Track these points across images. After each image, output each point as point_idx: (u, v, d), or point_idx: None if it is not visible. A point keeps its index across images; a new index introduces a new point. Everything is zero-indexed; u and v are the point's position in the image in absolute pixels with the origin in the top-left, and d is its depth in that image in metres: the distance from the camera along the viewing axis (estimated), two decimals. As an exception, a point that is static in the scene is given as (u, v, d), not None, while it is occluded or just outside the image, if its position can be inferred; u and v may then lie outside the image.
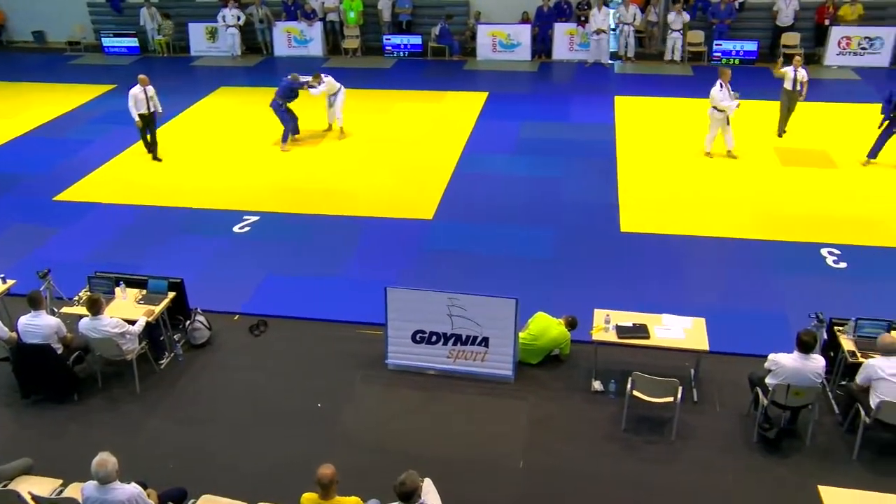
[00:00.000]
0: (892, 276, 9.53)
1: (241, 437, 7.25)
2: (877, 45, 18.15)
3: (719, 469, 6.77)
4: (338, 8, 20.44)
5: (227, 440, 7.22)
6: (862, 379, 6.75)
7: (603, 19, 18.63)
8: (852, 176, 12.44)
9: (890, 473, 6.62)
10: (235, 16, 20.29)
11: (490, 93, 17.02)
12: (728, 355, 7.98)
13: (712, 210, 11.33)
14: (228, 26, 20.36)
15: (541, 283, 9.46)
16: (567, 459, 6.91)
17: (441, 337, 7.87)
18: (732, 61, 18.86)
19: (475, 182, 12.52)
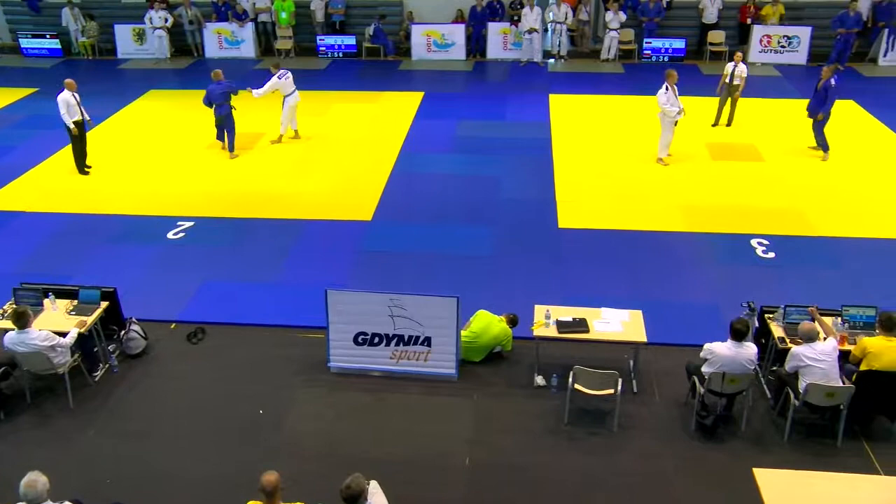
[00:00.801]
0: (816, 265, 9.91)
1: (181, 448, 7.08)
2: (794, 43, 18.87)
3: (660, 457, 6.92)
4: (269, 9, 20.15)
5: (166, 452, 7.04)
6: (790, 367, 6.99)
7: (535, 18, 18.85)
8: (779, 169, 12.88)
9: (818, 453, 6.88)
10: (162, 17, 19.77)
11: (426, 92, 17.04)
12: (665, 346, 8.17)
13: (646, 204, 11.58)
14: (155, 28, 19.85)
15: (481, 280, 9.52)
16: (512, 454, 6.97)
17: (383, 338, 7.84)
18: (661, 59, 19.31)
19: (413, 182, 12.52)
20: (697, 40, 19.80)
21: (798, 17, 19.28)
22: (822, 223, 10.96)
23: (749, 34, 19.22)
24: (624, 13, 19.03)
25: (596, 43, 20.25)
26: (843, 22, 18.28)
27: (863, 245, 10.40)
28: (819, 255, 10.17)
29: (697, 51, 19.66)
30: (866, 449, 6.95)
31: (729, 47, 19.24)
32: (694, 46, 19.73)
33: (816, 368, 6.75)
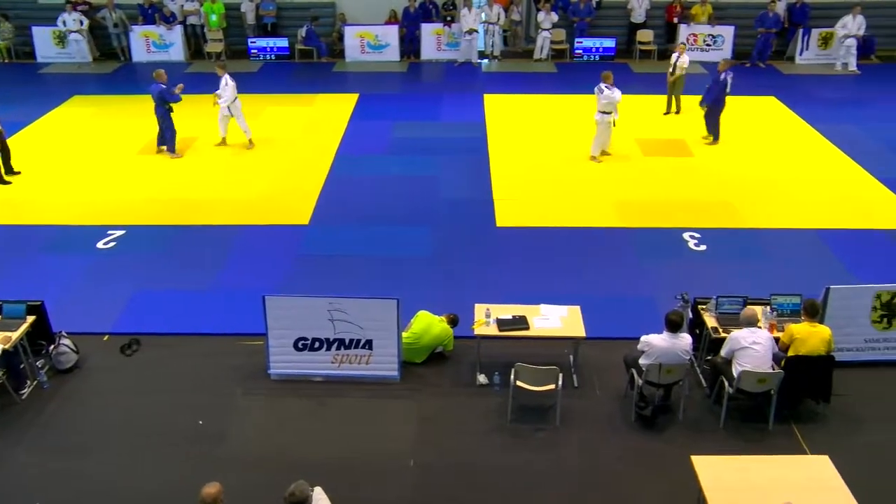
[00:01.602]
0: (746, 256, 10.24)
1: (118, 463, 6.86)
2: (719, 41, 19.46)
3: (602, 449, 7.05)
4: (198, 11, 19.74)
5: (102, 468, 6.82)
6: (726, 351, 7.21)
7: (474, 19, 18.97)
8: (708, 163, 13.26)
9: (751, 437, 7.13)
10: (77, 20, 19.00)
11: (361, 94, 16.96)
12: (604, 339, 8.30)
13: (581, 201, 11.77)
14: (70, 31, 19.11)
15: (421, 281, 9.52)
16: (456, 454, 6.99)
17: (324, 342, 7.76)
18: (593, 58, 19.65)
19: (350, 184, 12.44)
20: (627, 39, 20.23)
21: (723, 17, 19.88)
22: (749, 215, 11.33)
23: (676, 33, 19.73)
24: (555, 13, 19.30)
25: (529, 43, 20.48)
26: (763, 21, 18.99)
27: (788, 235, 10.80)
28: (748, 246, 10.51)
29: (627, 50, 20.08)
30: (795, 431, 7.23)
31: (657, 46, 19.75)
32: (624, 45, 20.14)
33: (752, 350, 6.98)
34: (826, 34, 19.30)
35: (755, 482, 5.77)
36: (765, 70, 19.18)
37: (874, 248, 10.43)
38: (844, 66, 18.88)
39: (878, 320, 7.95)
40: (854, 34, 18.59)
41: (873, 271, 9.38)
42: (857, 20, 18.47)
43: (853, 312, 7.86)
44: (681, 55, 15.10)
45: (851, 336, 7.94)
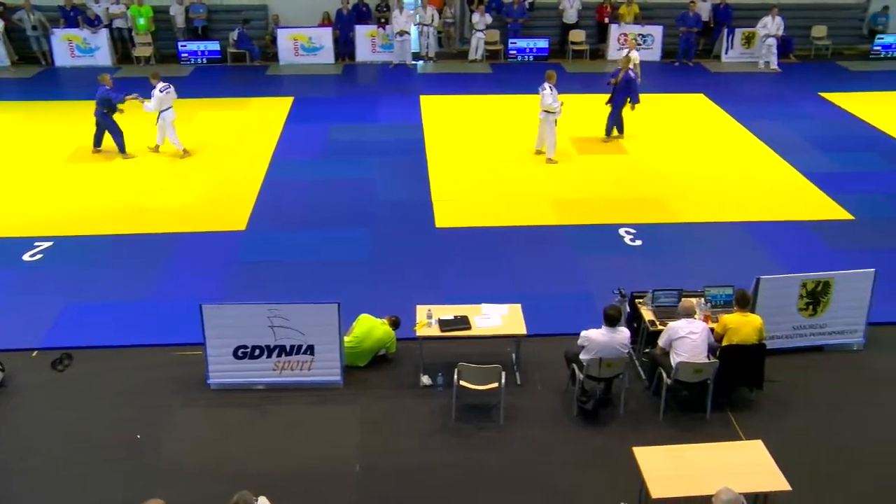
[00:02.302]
0: (679, 249, 10.50)
1: (52, 483, 6.63)
2: (649, 41, 19.92)
3: (546, 445, 7.13)
4: (124, 14, 19.19)
5: (35, 488, 6.57)
6: (664, 341, 7.38)
7: (406, 21, 18.96)
8: (641, 160, 13.56)
9: (690, 427, 7.31)
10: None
11: (295, 97, 16.77)
12: (545, 336, 8.39)
13: (519, 200, 11.89)
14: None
15: (361, 284, 9.47)
16: (402, 456, 6.98)
17: (264, 350, 7.65)
18: (527, 58, 19.87)
19: (287, 188, 12.29)
20: (560, 40, 20.53)
21: (651, 17, 20.36)
22: (682, 210, 11.63)
23: (607, 33, 20.11)
24: (489, 14, 19.45)
25: (463, 44, 20.59)
26: (684, 21, 19.56)
27: (719, 228, 11.13)
28: (681, 240, 10.79)
29: (560, 50, 20.37)
30: (730, 418, 7.46)
31: (589, 46, 20.10)
32: (557, 46, 20.43)
33: (688, 340, 7.16)
34: (749, 33, 19.98)
35: (694, 469, 5.93)
36: (693, 68, 19.72)
37: (799, 239, 10.83)
38: (766, 65, 19.58)
39: (804, 308, 8.26)
40: (774, 34, 19.30)
41: (799, 261, 9.73)
42: (776, 21, 19.18)
43: (782, 301, 8.14)
44: (631, 50, 15.55)
45: (781, 324, 8.23)
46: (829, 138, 14.69)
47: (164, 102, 12.96)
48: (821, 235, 10.92)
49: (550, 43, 20.09)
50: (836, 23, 20.98)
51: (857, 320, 8.45)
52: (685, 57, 19.91)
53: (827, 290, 8.20)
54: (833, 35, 20.77)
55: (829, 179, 12.72)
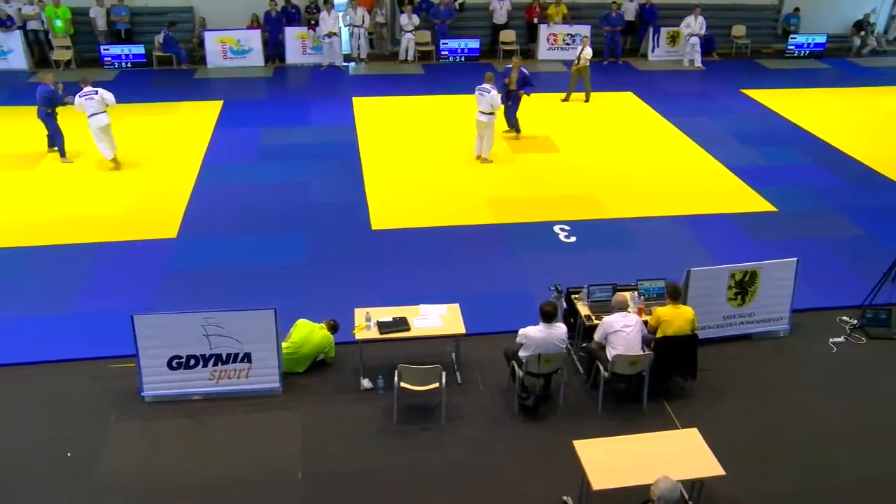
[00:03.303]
0: (613, 245, 10.70)
1: (-26, 508, 6.35)
2: (577, 40, 20.16)
3: (488, 442, 7.18)
4: (39, 15, 18.42)
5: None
6: (599, 335, 7.51)
7: (333, 22, 18.79)
8: (573, 158, 13.76)
9: (629, 418, 7.47)
10: None
11: (225, 101, 16.43)
12: (484, 335, 8.45)
13: (455, 200, 11.93)
14: None
15: (298, 289, 9.35)
16: (344, 461, 6.92)
17: (200, 359, 7.47)
18: (458, 59, 19.95)
19: (219, 194, 12.03)
20: (490, 40, 20.67)
21: (579, 17, 20.70)
22: (614, 206, 11.86)
23: (536, 33, 20.37)
24: (417, 15, 19.45)
25: (395, 45, 20.54)
26: (607, 21, 19.98)
27: (650, 223, 11.39)
28: (614, 235, 11.00)
29: (491, 50, 20.52)
30: (666, 407, 7.65)
31: (520, 46, 20.31)
32: (488, 46, 20.57)
33: (623, 333, 7.30)
34: (674, 32, 20.53)
35: (633, 460, 6.06)
36: (622, 67, 20.14)
37: (727, 231, 11.18)
38: (691, 63, 20.15)
39: (733, 297, 8.53)
40: (697, 33, 19.87)
41: (727, 252, 10.04)
42: (699, 20, 19.76)
43: (712, 292, 8.39)
44: (584, 47, 16.18)
45: (712, 314, 8.48)
46: (751, 133, 15.22)
47: (85, 108, 12.43)
48: (747, 227, 11.29)
49: (481, 43, 20.21)
50: (753, 23, 21.79)
51: (782, 308, 8.77)
52: (612, 55, 20.32)
53: (754, 279, 8.49)
54: (751, 34, 21.55)
55: (753, 173, 13.18)
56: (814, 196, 12.45)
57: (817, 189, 12.73)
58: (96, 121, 12.49)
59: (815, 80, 19.23)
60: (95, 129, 12.55)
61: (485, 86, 12.81)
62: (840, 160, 14.05)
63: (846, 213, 11.85)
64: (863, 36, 21.72)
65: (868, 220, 11.60)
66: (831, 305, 9.36)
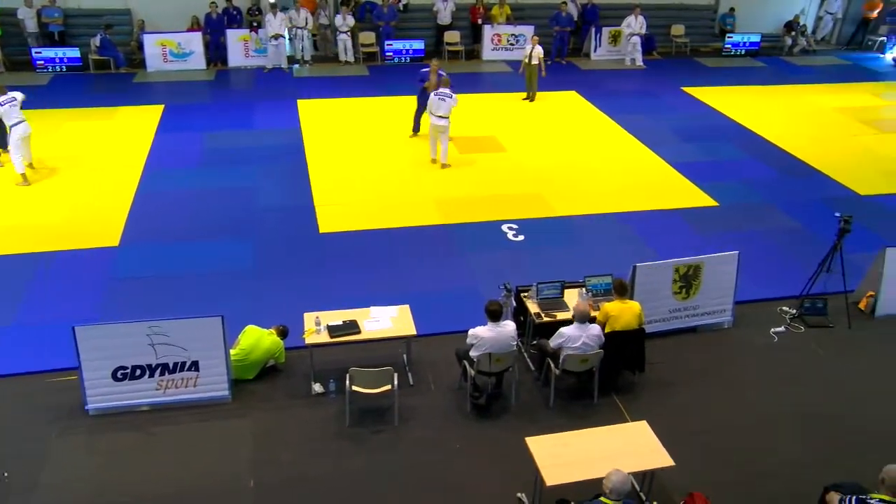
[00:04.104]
0: (559, 242, 10.83)
1: None
2: (521, 41, 20.40)
3: (441, 442, 7.19)
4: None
5: None
6: (556, 344, 7.50)
7: (279, 24, 18.58)
8: (519, 157, 13.89)
9: (580, 414, 7.57)
10: None
11: (167, 105, 16.11)
12: (435, 336, 8.47)
13: (403, 202, 11.92)
14: None
15: (246, 295, 9.22)
16: (298, 466, 6.85)
17: (146, 369, 7.31)
18: (403, 60, 19.93)
19: (163, 200, 11.78)
20: (435, 41, 20.71)
21: (522, 17, 20.90)
22: (560, 204, 12.00)
23: (481, 34, 20.49)
24: (352, 17, 19.35)
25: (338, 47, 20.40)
26: (557, 21, 20.22)
27: (596, 220, 11.56)
28: (561, 233, 11.13)
29: (436, 51, 20.56)
30: (616, 401, 7.78)
31: (464, 46, 20.41)
32: (432, 47, 20.61)
33: (582, 347, 7.36)
34: (615, 32, 20.90)
35: (585, 454, 6.14)
36: (565, 66, 20.40)
37: (670, 226, 11.42)
38: (633, 62, 20.54)
39: (678, 291, 8.72)
40: (637, 32, 20.27)
41: (671, 247, 10.24)
42: (639, 20, 20.16)
43: (657, 286, 8.57)
44: (534, 46, 16.41)
45: (658, 308, 8.65)
46: (692, 130, 15.58)
47: (10, 116, 11.81)
48: (690, 222, 11.55)
49: (426, 44, 20.23)
50: (691, 22, 22.34)
51: (725, 300, 9.00)
52: (558, 55, 20.56)
53: (697, 273, 8.69)
54: (690, 34, 22.08)
55: (693, 169, 13.49)
56: (752, 190, 12.82)
57: (755, 183, 13.11)
58: (21, 130, 11.89)
59: (751, 78, 19.81)
60: (19, 139, 11.89)
61: (443, 90, 12.82)
62: (775, 154, 14.49)
63: (782, 205, 12.23)
64: (794, 36, 22.46)
65: (802, 212, 11.99)
66: (771, 296, 9.65)
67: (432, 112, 12.89)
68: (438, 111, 12.81)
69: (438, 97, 12.78)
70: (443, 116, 12.84)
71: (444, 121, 12.89)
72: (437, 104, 12.80)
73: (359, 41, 19.81)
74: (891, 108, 17.77)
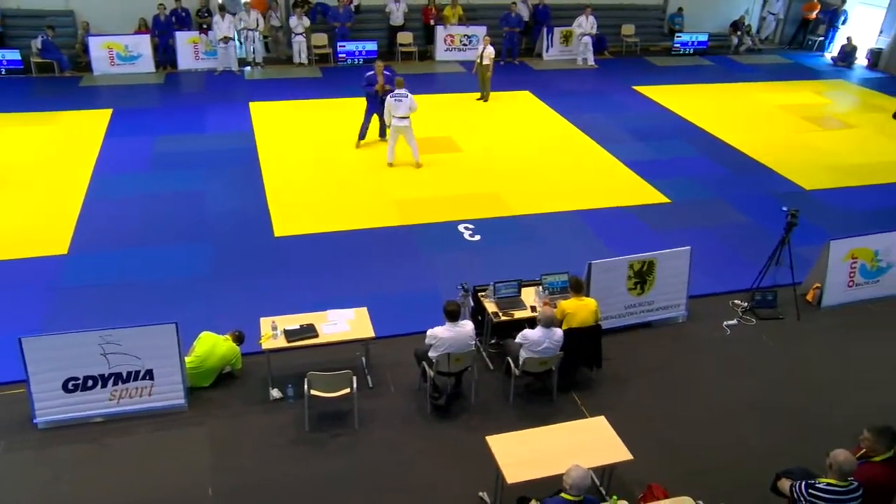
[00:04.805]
0: (516, 241, 10.90)
1: None
2: (474, 41, 20.47)
3: (402, 444, 7.17)
4: None
5: None
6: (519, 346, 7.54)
7: (228, 26, 18.31)
8: (475, 157, 13.93)
9: (539, 412, 7.62)
10: None
11: (115, 109, 15.77)
12: (394, 337, 8.45)
13: (360, 203, 11.86)
14: None
15: (200, 301, 9.08)
16: (257, 473, 6.77)
17: (98, 380, 7.14)
18: (357, 61, 19.83)
19: (113, 206, 11.52)
20: (388, 42, 20.66)
21: (474, 18, 20.98)
22: (516, 203, 12.07)
23: (434, 35, 20.50)
24: (307, 18, 19.21)
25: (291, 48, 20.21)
26: (507, 21, 20.35)
27: (551, 219, 11.66)
28: (517, 232, 11.20)
29: (389, 52, 20.51)
30: (575, 398, 7.85)
31: (418, 47, 20.41)
32: (385, 48, 20.55)
33: (542, 350, 7.40)
34: (566, 32, 21.11)
35: (545, 451, 6.18)
36: (518, 66, 20.53)
37: (625, 224, 11.57)
38: (584, 61, 20.78)
39: (633, 287, 8.84)
40: (588, 32, 20.52)
41: (625, 244, 10.39)
42: (590, 20, 20.41)
43: (612, 283, 8.67)
44: (486, 47, 16.52)
45: (613, 304, 8.76)
46: (644, 128, 15.83)
47: None
48: (643, 219, 11.72)
49: (379, 45, 20.17)
50: (641, 22, 22.70)
51: (679, 295, 9.16)
52: (510, 55, 20.69)
53: (651, 269, 8.82)
54: (640, 33, 22.44)
55: (646, 166, 13.70)
56: (702, 186, 13.07)
57: (705, 179, 13.37)
58: None
59: (699, 77, 20.21)
60: None
61: (399, 91, 12.78)
62: (725, 151, 14.81)
63: (732, 200, 12.50)
64: (739, 35, 22.98)
65: (751, 206, 12.27)
66: (723, 290, 9.86)
67: (391, 114, 12.86)
68: (397, 112, 12.79)
69: (395, 98, 12.74)
70: (403, 117, 12.82)
71: (405, 121, 12.87)
72: (395, 106, 12.76)
73: (311, 43, 19.65)
74: (831, 106, 18.30)
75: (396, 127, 12.96)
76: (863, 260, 9.67)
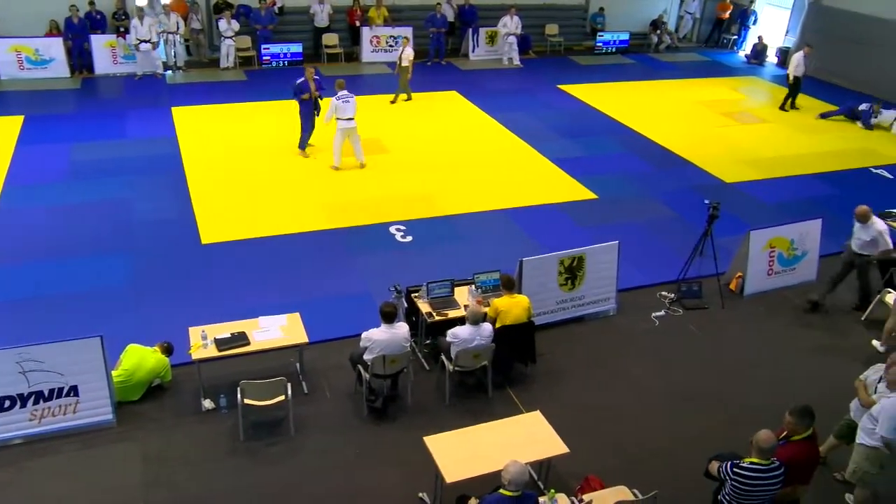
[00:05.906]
0: (447, 241, 10.94)
1: None
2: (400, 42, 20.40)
3: (340, 449, 7.12)
4: None
5: None
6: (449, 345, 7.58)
7: (146, 29, 17.77)
8: (403, 158, 13.92)
9: (476, 409, 7.66)
10: None
11: (26, 115, 15.10)
12: (328, 342, 8.38)
13: (288, 208, 11.70)
14: None
15: (126, 313, 8.80)
16: (192, 486, 6.61)
17: (16, 399, 6.84)
18: (282, 63, 19.54)
19: (26, 217, 11.03)
20: (313, 44, 20.42)
21: (400, 19, 20.95)
22: (446, 204, 12.11)
23: (359, 36, 20.38)
24: (236, 21, 18.86)
25: (214, 52, 19.78)
26: (433, 22, 20.40)
27: (481, 218, 11.75)
28: (448, 232, 11.25)
29: (315, 54, 20.28)
30: (510, 394, 7.94)
31: (343, 49, 20.25)
32: (311, 50, 20.30)
33: (474, 346, 7.46)
34: (492, 32, 21.29)
35: (483, 448, 6.23)
36: (445, 67, 20.60)
37: (553, 220, 11.76)
38: (510, 61, 21.01)
39: (563, 283, 8.99)
40: (513, 32, 20.75)
41: (555, 241, 10.51)
42: (514, 20, 20.64)
43: (543, 279, 8.80)
44: (404, 48, 16.59)
45: (545, 300, 8.89)
46: (569, 126, 16.11)
47: None
48: (571, 215, 11.93)
49: (304, 47, 19.92)
50: (564, 21, 23.09)
51: (608, 289, 9.36)
52: (436, 56, 20.75)
53: (581, 264, 8.99)
54: (563, 33, 22.82)
55: (573, 164, 13.94)
56: (627, 182, 13.39)
57: (630, 175, 13.70)
58: None
59: (622, 75, 20.70)
60: None
61: (343, 93, 12.70)
62: (648, 147, 15.21)
63: (656, 195, 12.85)
64: (659, 34, 23.63)
65: (675, 200, 12.64)
66: (651, 282, 10.13)
67: (339, 117, 12.77)
68: (346, 114, 12.75)
69: (342, 101, 12.68)
70: (351, 118, 12.80)
71: (353, 122, 12.88)
72: (342, 108, 12.71)
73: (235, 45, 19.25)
74: (746, 102, 19.02)
75: (344, 129, 12.91)
76: (780, 249, 10.08)
